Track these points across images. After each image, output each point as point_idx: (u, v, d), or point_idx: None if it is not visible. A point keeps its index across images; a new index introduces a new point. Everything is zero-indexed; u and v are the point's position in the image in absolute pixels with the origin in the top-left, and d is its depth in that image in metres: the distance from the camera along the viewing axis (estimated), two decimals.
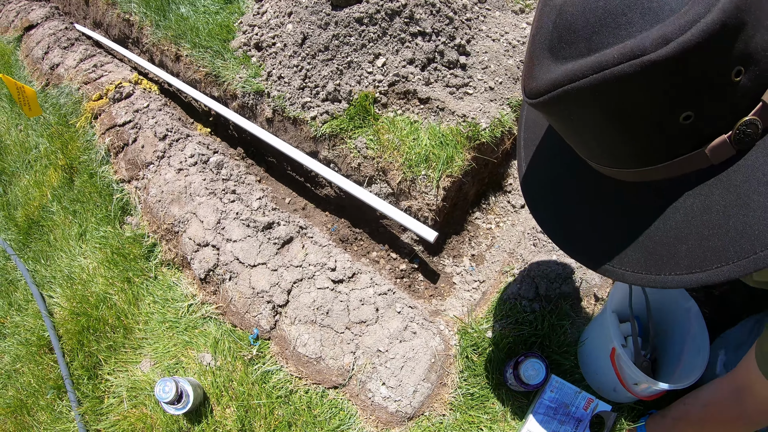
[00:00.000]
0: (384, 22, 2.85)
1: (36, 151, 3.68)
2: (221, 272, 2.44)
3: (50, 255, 3.06)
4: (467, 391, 2.06)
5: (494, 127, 2.78)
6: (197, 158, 2.88)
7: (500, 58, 2.99)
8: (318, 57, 2.96)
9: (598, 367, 1.96)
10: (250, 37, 3.37)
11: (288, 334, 2.23)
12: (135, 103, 3.31)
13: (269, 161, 3.65)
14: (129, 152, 3.06)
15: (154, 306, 2.57)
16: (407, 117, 2.86)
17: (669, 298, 1.92)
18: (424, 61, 2.89)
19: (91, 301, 2.66)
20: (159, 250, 2.73)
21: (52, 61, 4.10)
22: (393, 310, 2.24)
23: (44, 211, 3.32)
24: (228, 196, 2.69)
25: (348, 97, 2.93)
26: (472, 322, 2.24)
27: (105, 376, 2.46)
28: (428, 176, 2.66)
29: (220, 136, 3.81)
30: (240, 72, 3.30)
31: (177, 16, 3.87)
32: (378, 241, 3.02)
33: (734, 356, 1.87)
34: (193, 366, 2.29)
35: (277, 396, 2.13)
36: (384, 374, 2.06)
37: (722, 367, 1.89)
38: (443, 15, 2.90)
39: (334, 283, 2.34)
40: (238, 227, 2.54)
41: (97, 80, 3.65)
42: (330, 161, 3.03)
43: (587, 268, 1.74)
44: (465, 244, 3.00)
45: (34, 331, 2.77)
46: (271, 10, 3.36)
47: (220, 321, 2.41)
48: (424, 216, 2.70)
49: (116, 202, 2.95)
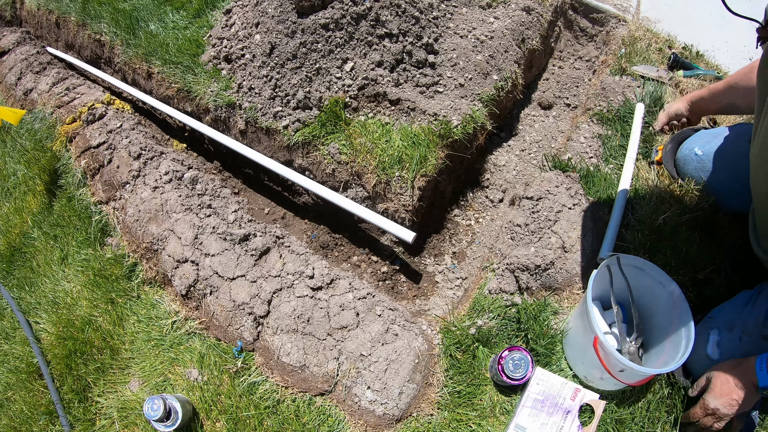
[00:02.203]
0: (350, 26, 2.86)
1: (14, 178, 3.67)
2: (202, 287, 2.44)
3: (34, 281, 3.04)
4: (454, 390, 2.07)
5: (466, 123, 2.79)
6: (172, 175, 2.88)
7: (469, 55, 3.00)
8: (287, 66, 2.97)
9: (584, 356, 1.97)
10: (219, 50, 3.37)
11: (271, 344, 2.23)
12: (108, 123, 3.30)
13: (246, 173, 3.65)
14: (105, 173, 3.05)
15: (138, 325, 2.56)
16: (378, 119, 2.86)
17: (651, 282, 1.93)
18: (392, 63, 2.90)
19: (76, 325, 2.65)
20: (140, 269, 2.73)
21: (26, 86, 4.08)
22: (373, 314, 2.24)
23: (26, 237, 3.30)
24: (204, 211, 2.69)
25: (318, 103, 2.93)
26: (454, 320, 2.25)
27: (95, 398, 2.45)
28: (403, 177, 2.66)
29: (196, 151, 3.80)
30: (211, 86, 3.30)
31: (146, 33, 3.87)
32: (358, 245, 3.03)
33: (728, 336, 1.87)
34: (181, 382, 2.29)
35: (265, 406, 2.13)
36: (368, 378, 2.07)
37: (714, 347, 1.89)
38: (409, 15, 2.91)
39: (313, 290, 2.34)
40: (216, 241, 2.54)
41: (69, 103, 3.64)
42: (305, 169, 3.03)
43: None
44: (445, 242, 3.01)
45: (22, 358, 2.76)
46: (239, 22, 3.36)
47: (204, 336, 2.41)
48: (401, 217, 2.71)
49: (95, 224, 2.94)
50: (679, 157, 2.48)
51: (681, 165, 2.46)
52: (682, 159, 2.45)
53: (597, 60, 3.83)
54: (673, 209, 2.32)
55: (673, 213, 2.31)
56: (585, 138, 2.88)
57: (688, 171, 2.42)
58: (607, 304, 2.09)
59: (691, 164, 2.39)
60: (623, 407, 1.96)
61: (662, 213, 2.32)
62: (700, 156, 2.35)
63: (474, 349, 2.14)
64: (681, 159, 2.46)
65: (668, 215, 2.31)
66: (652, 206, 2.39)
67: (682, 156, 2.46)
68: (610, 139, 2.82)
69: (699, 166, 2.36)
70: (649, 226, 2.33)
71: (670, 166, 2.54)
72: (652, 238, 2.30)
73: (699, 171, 2.36)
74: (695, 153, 2.37)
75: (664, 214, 2.31)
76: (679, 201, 2.37)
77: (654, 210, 2.37)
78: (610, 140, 2.81)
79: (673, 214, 2.31)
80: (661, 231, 2.30)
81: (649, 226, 2.33)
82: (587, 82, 3.72)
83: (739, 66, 2.82)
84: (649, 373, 1.73)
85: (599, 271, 1.92)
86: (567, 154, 2.81)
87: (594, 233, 2.39)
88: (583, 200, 2.50)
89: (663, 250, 2.26)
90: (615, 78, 3.21)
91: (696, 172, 2.38)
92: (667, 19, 3.71)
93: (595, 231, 2.40)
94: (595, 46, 3.98)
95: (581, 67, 3.90)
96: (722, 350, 1.86)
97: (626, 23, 3.72)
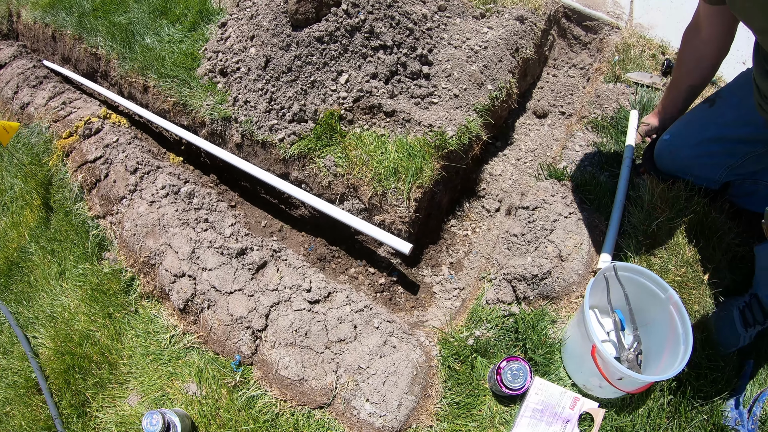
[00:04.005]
0: (344, 38, 2.87)
1: (11, 192, 3.67)
2: (199, 301, 2.44)
3: (32, 296, 3.04)
4: (453, 401, 2.07)
5: (461, 134, 2.80)
6: (168, 189, 2.88)
7: (463, 65, 3.02)
8: (282, 79, 2.98)
9: (582, 365, 1.97)
10: (214, 63, 3.39)
11: (269, 358, 2.23)
12: (105, 138, 3.31)
13: (243, 186, 3.65)
14: (102, 188, 3.06)
15: (136, 340, 2.56)
16: (374, 131, 2.87)
17: (648, 289, 1.94)
18: (387, 75, 2.91)
19: (74, 339, 2.65)
20: (137, 284, 2.73)
21: (22, 100, 4.09)
22: (371, 326, 2.24)
23: (23, 252, 3.30)
24: (201, 225, 2.69)
25: (314, 116, 2.94)
26: (452, 331, 2.25)
27: (94, 413, 2.45)
28: (398, 189, 2.67)
29: (192, 164, 3.81)
30: (207, 99, 3.31)
31: (142, 47, 3.88)
32: (356, 257, 3.03)
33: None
34: (180, 396, 2.29)
35: (264, 420, 2.13)
36: (367, 391, 2.07)
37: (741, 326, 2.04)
38: (403, 27, 2.92)
39: (311, 303, 2.34)
40: (213, 255, 2.54)
41: (66, 117, 3.65)
42: (301, 182, 3.04)
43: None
44: (443, 252, 3.01)
45: (21, 373, 2.76)
46: (234, 35, 3.38)
47: (203, 350, 2.41)
48: (397, 229, 2.71)
49: (92, 239, 2.95)
50: (655, 154, 2.50)
51: (658, 160, 2.48)
52: (657, 153, 2.49)
53: (591, 67, 3.84)
54: (665, 214, 2.34)
55: (666, 218, 2.32)
56: (580, 146, 2.90)
57: (665, 162, 2.46)
58: (605, 311, 2.10)
59: (665, 153, 2.43)
60: (623, 415, 1.97)
61: (655, 219, 2.34)
62: (668, 139, 2.40)
63: (472, 360, 2.14)
64: (657, 154, 2.49)
65: (661, 221, 2.32)
66: (645, 213, 2.41)
67: (657, 151, 2.49)
68: (605, 147, 2.83)
69: (670, 149, 2.40)
70: (644, 232, 2.34)
71: (652, 170, 2.56)
72: (647, 243, 2.32)
73: (672, 155, 2.40)
74: (663, 138, 2.42)
75: (657, 219, 2.33)
76: (671, 206, 2.38)
77: (647, 216, 2.38)
78: (605, 148, 2.82)
79: (666, 219, 2.32)
80: (656, 236, 2.32)
81: (643, 233, 2.34)
82: (581, 89, 3.74)
83: (732, 69, 2.86)
84: (648, 380, 1.73)
85: (596, 279, 1.93)
86: (562, 162, 2.82)
87: (590, 241, 2.40)
88: (579, 209, 2.51)
89: (659, 254, 2.27)
90: (609, 85, 3.23)
91: (670, 157, 2.42)
92: (660, 25, 3.73)
93: (592, 239, 2.41)
94: (588, 53, 3.99)
95: (575, 74, 3.91)
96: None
97: (619, 30, 3.74)
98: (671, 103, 2.54)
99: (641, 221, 2.38)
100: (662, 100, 2.60)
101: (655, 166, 2.51)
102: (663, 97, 2.60)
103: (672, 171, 2.43)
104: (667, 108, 2.58)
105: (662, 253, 2.29)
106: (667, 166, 2.44)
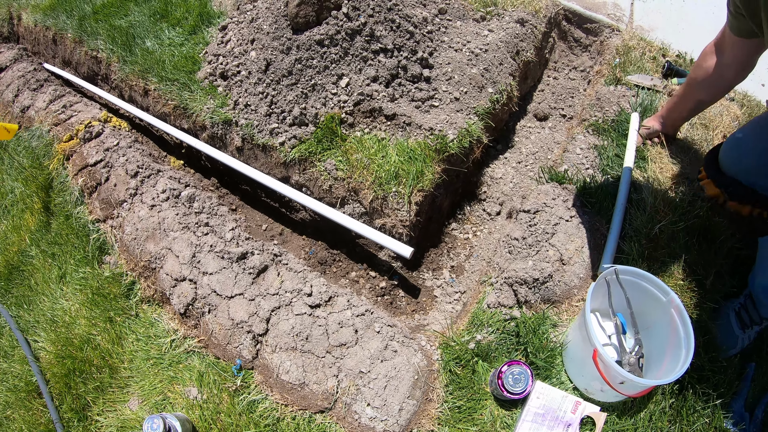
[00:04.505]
0: (345, 42, 2.87)
1: (12, 196, 3.67)
2: (200, 305, 2.44)
3: (32, 299, 3.04)
4: (454, 405, 2.06)
5: (462, 137, 2.80)
6: (169, 193, 2.88)
7: (464, 68, 3.01)
8: (282, 82, 2.98)
9: (584, 369, 1.97)
10: (215, 66, 3.39)
11: (270, 362, 2.23)
12: (105, 141, 3.31)
13: (244, 189, 3.65)
14: (102, 191, 3.06)
15: (137, 344, 2.56)
16: (374, 135, 2.87)
17: (649, 293, 1.93)
18: (388, 78, 2.91)
19: (75, 343, 2.65)
20: (138, 288, 2.73)
21: (23, 103, 4.09)
22: (372, 330, 2.24)
23: (24, 255, 3.30)
24: (201, 229, 2.69)
25: (314, 120, 2.94)
26: (453, 335, 2.24)
27: (94, 417, 2.44)
28: (399, 192, 2.67)
29: (193, 168, 3.81)
30: (207, 102, 3.31)
31: (143, 50, 3.88)
32: (356, 261, 3.03)
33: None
34: (181, 401, 2.29)
35: (265, 425, 2.13)
36: (368, 395, 2.06)
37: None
38: (404, 30, 2.92)
39: (312, 308, 2.34)
40: (213, 260, 2.54)
41: (66, 121, 3.65)
42: (302, 185, 3.04)
43: None
44: (444, 256, 3.00)
45: (21, 377, 2.75)
46: (234, 39, 3.38)
47: (203, 354, 2.41)
48: (398, 232, 2.71)
49: (93, 243, 2.95)
50: (721, 152, 2.30)
51: (724, 158, 2.27)
52: (724, 150, 2.28)
53: (592, 70, 3.84)
54: (668, 218, 2.33)
55: (668, 222, 2.32)
56: (581, 149, 2.89)
57: (731, 161, 2.25)
58: (606, 315, 2.09)
59: (733, 151, 2.23)
60: (625, 419, 1.96)
61: (657, 222, 2.33)
62: (740, 137, 2.19)
63: (473, 364, 2.14)
64: (723, 152, 2.28)
65: (663, 224, 2.31)
66: (647, 216, 2.40)
67: (724, 148, 2.28)
68: (606, 150, 2.82)
69: (739, 149, 2.21)
70: (646, 235, 2.34)
71: (715, 174, 2.42)
72: (650, 247, 2.31)
73: (739, 155, 2.21)
74: (735, 136, 2.21)
75: (659, 223, 2.32)
76: (674, 209, 2.37)
77: (649, 219, 2.38)
78: (606, 151, 2.82)
79: (669, 223, 2.32)
80: (658, 240, 2.31)
81: (645, 236, 2.34)
82: (582, 92, 3.73)
83: (750, 83, 2.84)
84: (649, 384, 1.73)
85: (597, 283, 1.92)
86: (563, 165, 2.82)
87: (592, 245, 2.39)
88: (580, 212, 2.51)
89: (661, 258, 2.26)
90: (610, 88, 3.22)
91: (737, 157, 2.22)
92: (661, 28, 3.72)
93: (593, 242, 2.40)
94: (589, 56, 3.99)
95: (576, 77, 3.91)
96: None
97: (620, 33, 3.73)
98: (676, 111, 2.54)
99: (643, 224, 2.38)
100: (667, 106, 2.58)
101: (718, 170, 2.36)
102: (668, 103, 2.58)
103: (735, 173, 2.26)
104: (671, 114, 2.57)
105: (664, 257, 2.28)
106: (733, 167, 2.27)
